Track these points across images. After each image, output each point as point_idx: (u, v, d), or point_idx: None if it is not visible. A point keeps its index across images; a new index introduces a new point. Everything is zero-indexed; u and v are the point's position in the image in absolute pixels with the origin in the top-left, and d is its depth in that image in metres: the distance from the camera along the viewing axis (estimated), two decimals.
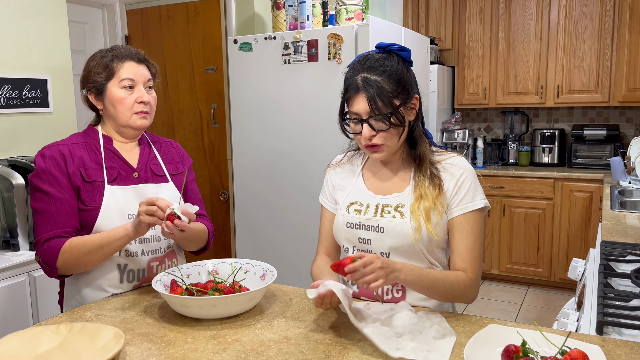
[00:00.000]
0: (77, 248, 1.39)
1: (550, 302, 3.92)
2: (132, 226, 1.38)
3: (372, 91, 1.26)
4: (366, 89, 1.27)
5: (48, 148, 1.48)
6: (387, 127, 1.28)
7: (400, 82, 1.29)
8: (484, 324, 1.22)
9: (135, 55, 1.53)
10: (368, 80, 1.28)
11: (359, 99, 1.28)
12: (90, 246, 1.39)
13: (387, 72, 1.28)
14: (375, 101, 1.26)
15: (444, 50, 4.61)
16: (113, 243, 1.40)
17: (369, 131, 1.29)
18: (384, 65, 1.29)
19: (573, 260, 1.84)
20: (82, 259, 1.40)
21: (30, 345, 1.11)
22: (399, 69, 1.30)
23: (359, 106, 1.29)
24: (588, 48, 4.07)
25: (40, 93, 2.42)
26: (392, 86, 1.28)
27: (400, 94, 1.29)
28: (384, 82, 1.27)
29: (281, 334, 1.20)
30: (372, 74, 1.28)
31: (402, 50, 1.34)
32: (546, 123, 4.60)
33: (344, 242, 1.43)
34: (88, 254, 1.40)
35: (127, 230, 1.39)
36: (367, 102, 1.27)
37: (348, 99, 1.32)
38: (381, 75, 1.28)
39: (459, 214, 1.32)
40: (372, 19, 2.58)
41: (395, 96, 1.28)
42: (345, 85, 1.33)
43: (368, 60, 1.31)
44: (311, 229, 2.83)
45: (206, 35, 3.25)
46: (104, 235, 1.41)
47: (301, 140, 2.82)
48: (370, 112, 1.28)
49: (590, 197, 3.89)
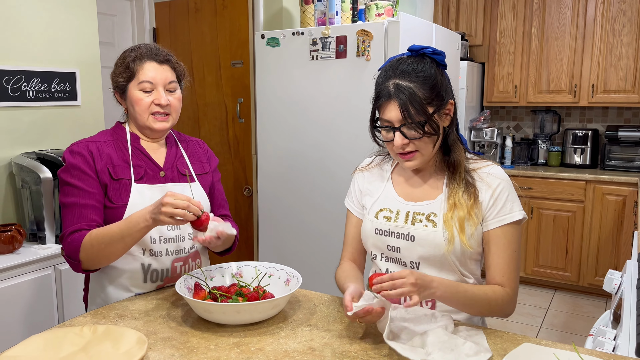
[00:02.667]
0: (97, 239, 1.37)
1: (578, 307, 3.82)
2: (152, 218, 1.31)
3: (405, 98, 1.21)
4: (398, 96, 1.22)
5: (77, 145, 1.47)
6: (420, 136, 1.24)
7: (434, 87, 1.24)
8: (517, 342, 1.17)
9: (157, 55, 1.49)
10: (400, 86, 1.22)
11: (390, 107, 1.24)
12: (110, 237, 1.36)
13: (421, 77, 1.23)
14: (408, 109, 1.21)
15: (474, 46, 4.50)
16: (134, 234, 1.35)
17: (402, 139, 1.24)
18: (417, 70, 1.24)
19: (609, 272, 1.77)
20: (104, 250, 1.37)
21: (54, 348, 1.11)
22: (433, 74, 1.25)
23: (391, 114, 1.24)
24: (625, 46, 3.92)
25: (69, 86, 2.43)
26: (425, 92, 1.23)
27: (434, 100, 1.24)
28: (417, 89, 1.22)
29: (305, 344, 1.17)
30: (404, 80, 1.23)
31: (436, 53, 1.28)
32: (579, 123, 4.47)
33: (372, 248, 1.39)
34: (109, 246, 1.37)
35: (146, 220, 1.33)
36: (399, 110, 1.22)
37: (380, 105, 1.27)
38: (414, 81, 1.23)
39: (495, 227, 1.27)
40: (403, 15, 2.52)
41: (429, 103, 1.23)
42: (377, 92, 1.28)
43: (400, 64, 1.26)
44: (335, 231, 2.80)
45: (233, 29, 3.23)
46: (122, 226, 1.36)
47: (327, 138, 2.78)
48: (402, 120, 1.23)
49: (623, 201, 3.77)
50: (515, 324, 3.52)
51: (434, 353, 1.07)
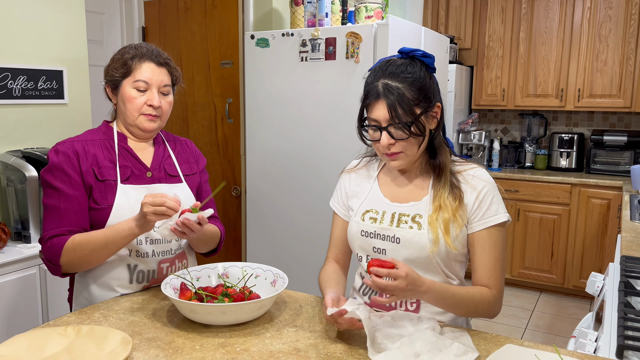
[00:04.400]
0: (80, 245, 1.37)
1: (563, 309, 3.87)
2: (137, 225, 1.35)
3: (393, 98, 1.22)
4: (387, 95, 1.23)
5: (62, 144, 1.46)
6: (406, 136, 1.25)
7: (422, 89, 1.25)
8: (500, 343, 1.18)
9: (157, 57, 1.49)
10: (389, 86, 1.24)
11: (378, 106, 1.25)
12: (94, 244, 1.37)
13: (409, 79, 1.24)
14: (396, 109, 1.22)
15: (463, 50, 4.53)
16: (118, 241, 1.37)
17: (388, 139, 1.26)
18: (406, 71, 1.25)
19: (591, 275, 1.79)
20: (87, 257, 1.38)
21: (37, 348, 1.10)
22: (422, 76, 1.26)
23: (379, 113, 1.25)
24: (611, 52, 3.98)
25: (56, 84, 2.41)
26: (413, 94, 1.24)
27: (421, 102, 1.25)
28: (406, 90, 1.23)
29: (291, 344, 1.18)
30: (393, 81, 1.24)
31: (426, 56, 1.29)
32: (565, 127, 4.52)
33: (358, 250, 1.40)
34: (92, 252, 1.38)
35: (131, 228, 1.36)
36: (387, 110, 1.23)
37: (368, 104, 1.28)
38: (403, 82, 1.24)
39: (480, 229, 1.28)
40: (392, 18, 2.53)
41: (417, 104, 1.25)
42: (366, 91, 1.29)
43: (390, 65, 1.28)
44: (324, 232, 2.81)
45: (223, 29, 3.22)
46: (107, 233, 1.37)
47: (316, 139, 2.79)
48: (389, 120, 1.24)
49: (607, 205, 3.82)
50: (501, 325, 3.55)
51: (423, 354, 1.08)
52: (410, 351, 1.10)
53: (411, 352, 1.09)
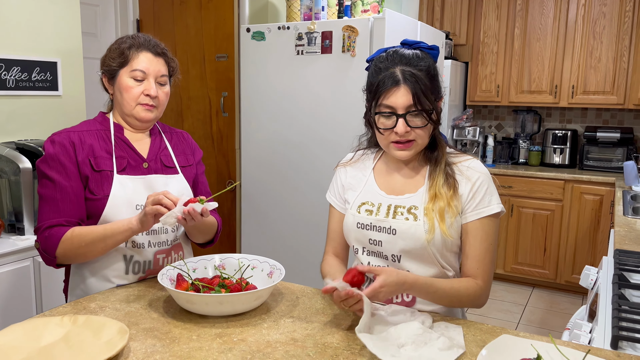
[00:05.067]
0: (78, 238, 1.37)
1: (555, 304, 3.90)
2: (138, 220, 1.35)
3: (416, 85, 1.21)
4: (409, 81, 1.22)
5: (58, 134, 1.45)
6: (424, 124, 1.25)
7: (434, 79, 1.26)
8: (496, 333, 1.19)
9: (154, 47, 1.49)
10: (410, 73, 1.22)
11: (398, 92, 1.23)
12: (93, 237, 1.37)
13: (424, 68, 1.24)
14: (419, 95, 1.21)
15: (458, 46, 4.54)
16: (116, 236, 1.37)
17: (404, 127, 1.24)
18: (420, 60, 1.25)
19: (585, 268, 1.80)
20: (83, 249, 1.38)
21: (33, 337, 1.09)
22: (432, 65, 1.27)
23: (398, 100, 1.23)
24: (605, 49, 4.00)
25: (50, 76, 2.39)
26: (429, 83, 1.24)
27: (434, 91, 1.26)
28: (424, 77, 1.23)
29: (288, 335, 1.18)
30: (411, 68, 1.23)
31: (431, 48, 1.29)
32: (559, 123, 4.54)
33: (354, 242, 1.40)
34: (89, 245, 1.37)
35: (131, 224, 1.36)
36: (410, 96, 1.22)
37: (383, 91, 1.25)
38: (420, 70, 1.24)
39: (474, 219, 1.29)
40: (389, 12, 2.53)
41: (432, 93, 1.25)
42: (379, 77, 1.26)
43: (400, 55, 1.26)
44: (318, 224, 2.81)
45: (218, 22, 3.21)
46: (107, 227, 1.38)
47: (311, 133, 2.79)
48: (411, 107, 1.23)
49: (600, 201, 3.85)
50: (494, 320, 3.57)
51: (407, 346, 1.08)
52: (395, 341, 1.10)
53: (396, 342, 1.10)
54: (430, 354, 1.06)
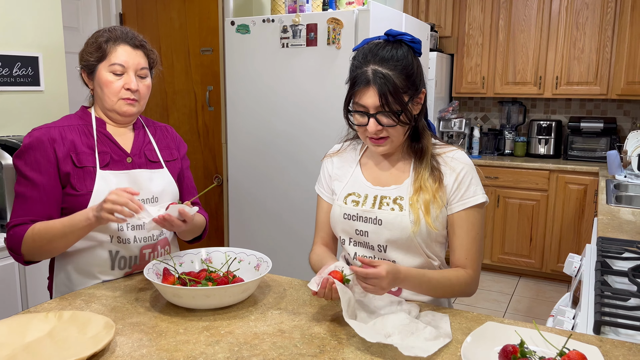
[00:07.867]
0: (39, 235, 1.35)
1: (541, 293, 3.95)
2: (94, 215, 1.30)
3: (383, 86, 1.21)
4: (377, 82, 1.22)
5: (38, 130, 1.43)
6: (395, 124, 1.25)
7: (410, 76, 1.25)
8: (481, 321, 1.21)
9: (132, 39, 1.46)
10: (379, 73, 1.22)
11: (368, 93, 1.24)
12: (53, 234, 1.34)
13: (399, 66, 1.24)
14: (387, 97, 1.22)
15: (443, 38, 4.55)
16: (76, 232, 1.34)
17: (376, 126, 1.26)
18: (395, 57, 1.24)
19: (569, 256, 1.83)
20: (46, 246, 1.36)
21: (18, 334, 1.08)
22: (410, 62, 1.26)
23: (368, 100, 1.24)
24: (588, 39, 4.04)
25: (32, 71, 2.36)
26: (402, 81, 1.24)
27: (409, 89, 1.25)
28: (396, 77, 1.23)
29: (275, 326, 1.18)
30: (383, 67, 1.23)
31: (414, 42, 1.29)
32: (543, 114, 4.58)
33: (341, 233, 1.40)
34: (51, 242, 1.35)
35: (89, 219, 1.31)
36: (377, 97, 1.22)
37: (356, 91, 1.26)
38: (393, 69, 1.23)
39: (459, 210, 1.30)
40: (373, 4, 2.53)
41: (405, 92, 1.25)
42: (353, 75, 1.27)
43: (379, 49, 1.26)
44: (305, 218, 2.81)
45: (203, 16, 3.18)
46: (65, 223, 1.34)
47: (297, 125, 2.79)
48: (379, 108, 1.24)
49: (584, 190, 3.89)
50: (481, 309, 3.61)
51: (394, 335, 1.09)
52: (382, 331, 1.11)
53: (383, 332, 1.11)
54: (417, 343, 1.07)
